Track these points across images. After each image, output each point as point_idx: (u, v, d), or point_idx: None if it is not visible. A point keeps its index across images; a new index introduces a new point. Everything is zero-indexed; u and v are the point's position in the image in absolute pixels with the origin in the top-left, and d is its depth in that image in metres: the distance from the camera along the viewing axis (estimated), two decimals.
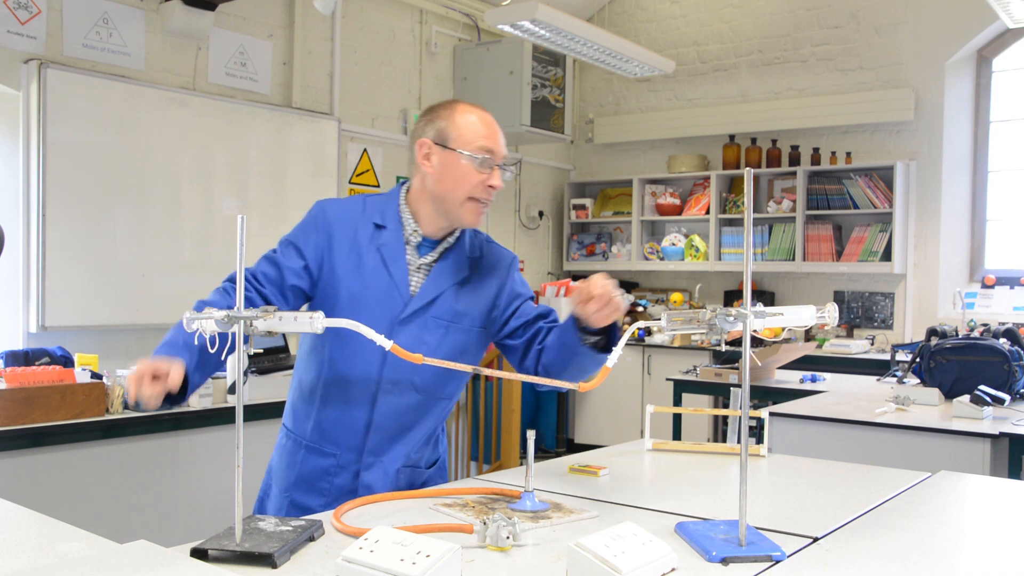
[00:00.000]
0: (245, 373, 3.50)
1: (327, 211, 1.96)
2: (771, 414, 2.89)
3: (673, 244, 6.92)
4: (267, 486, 2.03)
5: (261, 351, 3.75)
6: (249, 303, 1.79)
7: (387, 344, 1.49)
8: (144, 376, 1.57)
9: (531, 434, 1.66)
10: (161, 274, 4.76)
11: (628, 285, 7.35)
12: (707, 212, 6.81)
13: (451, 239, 1.94)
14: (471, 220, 1.89)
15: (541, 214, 7.42)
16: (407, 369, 1.85)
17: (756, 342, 2.80)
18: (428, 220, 1.91)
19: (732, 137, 6.82)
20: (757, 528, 1.50)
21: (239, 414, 1.39)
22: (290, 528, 1.43)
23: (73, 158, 4.42)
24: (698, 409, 2.99)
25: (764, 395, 4.15)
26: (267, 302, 1.85)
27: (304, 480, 1.91)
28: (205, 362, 1.69)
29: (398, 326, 1.86)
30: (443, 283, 1.90)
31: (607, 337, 1.81)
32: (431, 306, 1.89)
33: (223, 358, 1.61)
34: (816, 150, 6.44)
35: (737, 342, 1.47)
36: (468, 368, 1.64)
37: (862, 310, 6.38)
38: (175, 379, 1.58)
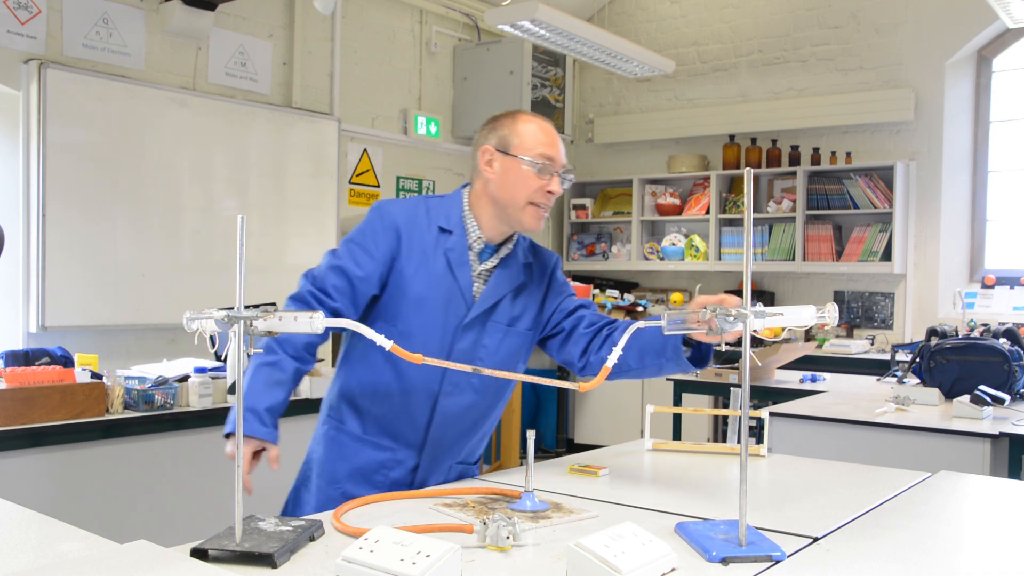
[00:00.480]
0: (245, 373, 3.49)
1: (392, 212, 1.96)
2: (771, 414, 2.88)
3: (673, 244, 6.92)
4: (305, 477, 2.04)
5: (261, 351, 3.74)
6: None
7: (387, 344, 1.49)
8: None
9: (531, 434, 1.66)
10: (161, 274, 4.76)
11: (628, 285, 7.36)
12: (707, 212, 6.81)
13: (509, 245, 2.00)
14: (531, 224, 1.95)
15: None
16: (468, 372, 1.88)
17: (756, 342, 2.80)
18: (489, 225, 1.97)
19: (732, 137, 6.82)
20: (757, 528, 1.50)
21: (239, 414, 1.39)
22: (290, 528, 1.43)
23: (73, 158, 4.42)
24: (698, 409, 2.99)
25: (764, 395, 4.15)
26: (338, 316, 1.88)
27: (359, 472, 1.94)
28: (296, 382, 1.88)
29: (461, 330, 1.92)
30: (502, 289, 1.96)
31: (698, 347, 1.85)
32: (492, 311, 1.95)
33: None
34: (816, 150, 6.44)
35: (737, 342, 1.47)
36: (468, 368, 1.65)
37: (862, 310, 6.38)
38: (274, 457, 1.78)
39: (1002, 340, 3.48)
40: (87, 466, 3.03)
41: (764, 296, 6.65)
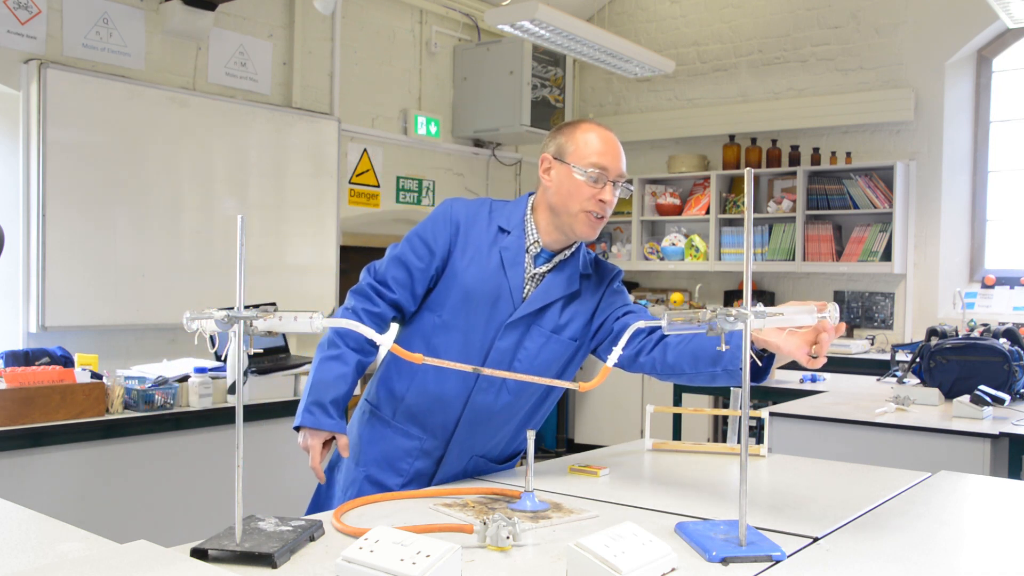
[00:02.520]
0: (245, 373, 3.50)
1: (455, 207, 2.02)
2: (771, 414, 2.88)
3: (673, 244, 6.92)
4: (336, 457, 2.07)
5: (261, 351, 3.74)
6: (377, 316, 1.95)
7: (387, 344, 1.50)
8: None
9: (531, 434, 1.67)
10: (161, 274, 4.76)
11: (628, 285, 7.33)
12: (707, 212, 6.81)
13: (567, 253, 2.01)
14: (585, 231, 1.96)
15: None
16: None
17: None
18: (546, 231, 1.99)
19: (732, 137, 6.82)
20: (757, 528, 1.50)
21: (239, 414, 1.39)
22: (290, 528, 1.43)
23: (73, 158, 4.42)
24: (698, 409, 2.99)
25: (764, 395, 4.15)
26: (398, 307, 1.96)
27: (384, 458, 1.97)
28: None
29: (504, 329, 1.94)
30: (553, 294, 1.97)
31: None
32: (539, 315, 1.96)
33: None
34: (816, 150, 6.44)
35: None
36: (468, 368, 1.66)
37: (862, 310, 6.38)
38: (343, 445, 1.87)
39: (1002, 340, 3.48)
40: (87, 466, 3.03)
41: (764, 296, 6.65)
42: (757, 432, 2.34)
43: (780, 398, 3.87)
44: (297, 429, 1.86)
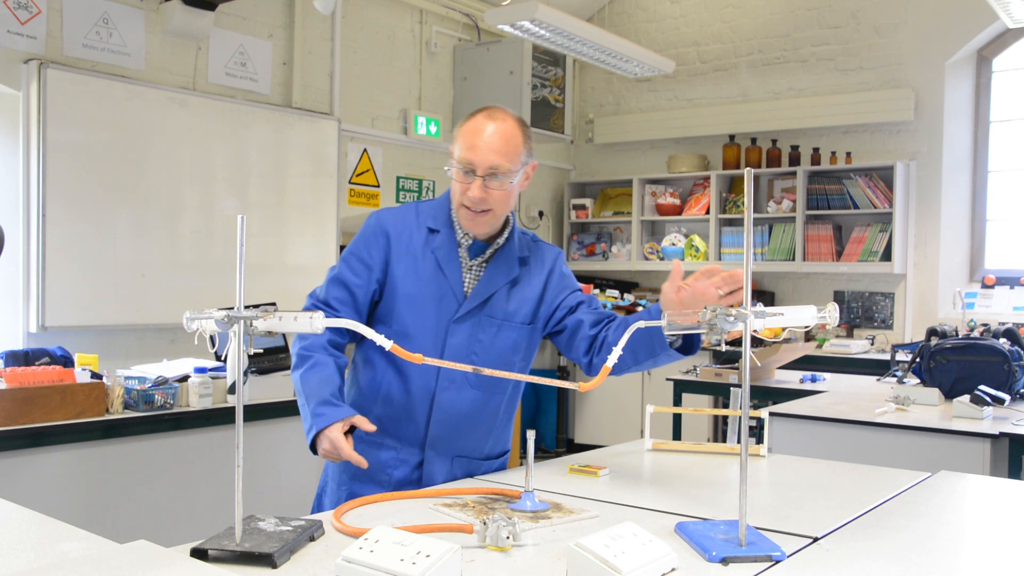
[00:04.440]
0: (245, 373, 3.50)
1: (382, 218, 2.03)
2: (771, 414, 2.89)
3: (673, 244, 6.92)
4: (324, 483, 2.08)
5: (261, 351, 3.74)
6: (335, 334, 1.95)
7: (387, 344, 1.50)
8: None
9: (531, 434, 1.67)
10: (161, 274, 4.76)
11: (628, 285, 7.35)
12: (707, 212, 6.81)
13: (500, 240, 2.01)
14: (466, 226, 1.97)
15: (541, 214, 7.42)
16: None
17: (756, 342, 2.80)
18: None
19: (732, 137, 6.82)
20: (757, 528, 1.50)
21: (239, 414, 1.39)
22: (290, 528, 1.43)
23: (73, 158, 4.42)
24: (698, 409, 2.99)
25: (764, 395, 4.15)
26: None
27: (363, 472, 1.96)
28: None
29: (453, 325, 1.95)
30: (495, 283, 1.98)
31: (685, 338, 1.86)
32: (484, 306, 1.97)
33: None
34: (816, 150, 6.44)
35: (737, 342, 1.47)
36: (468, 368, 1.66)
37: (862, 310, 6.38)
38: (360, 421, 1.82)
39: (1002, 340, 3.48)
40: (87, 466, 3.03)
41: (764, 296, 6.65)
42: (757, 432, 2.34)
43: (780, 398, 3.87)
44: (313, 444, 1.83)
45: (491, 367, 1.75)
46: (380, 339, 1.50)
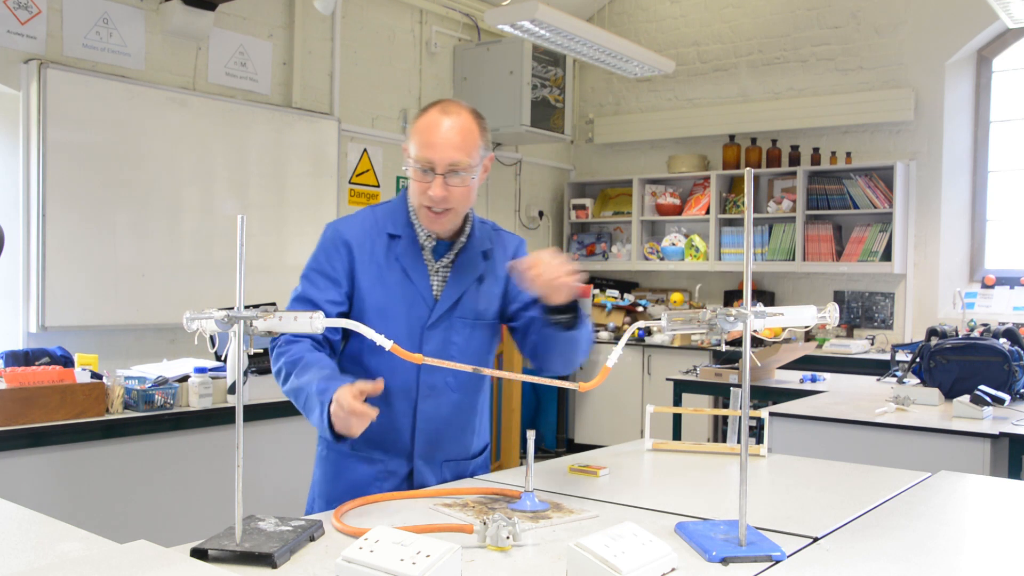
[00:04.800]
0: (245, 373, 3.50)
1: (340, 229, 1.97)
2: (771, 414, 2.89)
3: (673, 244, 6.92)
4: (312, 501, 2.04)
5: (261, 351, 3.74)
6: (317, 345, 1.89)
7: (387, 344, 1.49)
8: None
9: (531, 434, 1.66)
10: (161, 274, 4.76)
11: (628, 285, 7.36)
12: (707, 212, 6.81)
13: (463, 238, 1.97)
14: (428, 226, 1.92)
15: (541, 214, 7.42)
16: (442, 372, 1.90)
17: (756, 342, 2.80)
18: None
19: (732, 137, 6.82)
20: (757, 528, 1.50)
21: (239, 414, 1.39)
22: (290, 528, 1.43)
23: (73, 158, 4.42)
24: (698, 409, 2.99)
25: (764, 395, 4.15)
26: (317, 342, 1.88)
27: (353, 488, 1.91)
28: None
29: (427, 331, 1.91)
30: (463, 284, 1.94)
31: (574, 314, 1.84)
32: (455, 308, 1.94)
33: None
34: (816, 150, 6.44)
35: (737, 342, 1.47)
36: (468, 368, 1.65)
37: (862, 310, 6.38)
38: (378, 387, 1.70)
39: (1002, 340, 3.48)
40: (87, 466, 3.03)
41: (764, 296, 6.65)
42: (757, 432, 2.34)
43: (780, 398, 3.87)
44: (331, 427, 1.69)
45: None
46: (380, 339, 1.49)
